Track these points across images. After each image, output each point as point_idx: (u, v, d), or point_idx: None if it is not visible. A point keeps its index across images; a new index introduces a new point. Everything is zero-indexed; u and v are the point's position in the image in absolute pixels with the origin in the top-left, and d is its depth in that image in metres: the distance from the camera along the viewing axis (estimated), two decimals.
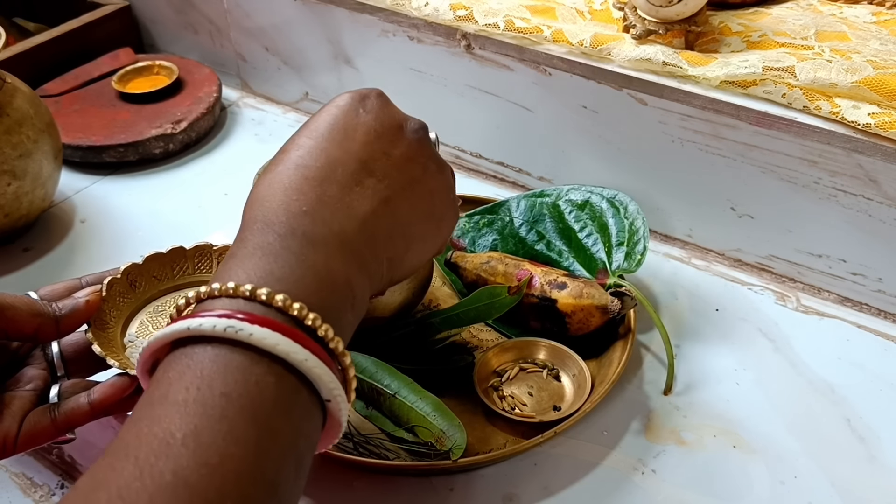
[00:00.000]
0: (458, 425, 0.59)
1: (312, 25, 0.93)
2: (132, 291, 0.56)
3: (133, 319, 0.55)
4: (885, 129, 0.64)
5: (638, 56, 0.73)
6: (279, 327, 0.36)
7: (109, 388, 0.51)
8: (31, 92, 0.81)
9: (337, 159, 0.45)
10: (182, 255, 0.58)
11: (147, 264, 0.57)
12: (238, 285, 0.38)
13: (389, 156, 0.46)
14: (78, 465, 0.77)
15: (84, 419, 0.51)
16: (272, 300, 0.37)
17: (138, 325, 0.55)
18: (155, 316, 0.56)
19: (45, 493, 0.64)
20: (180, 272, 0.58)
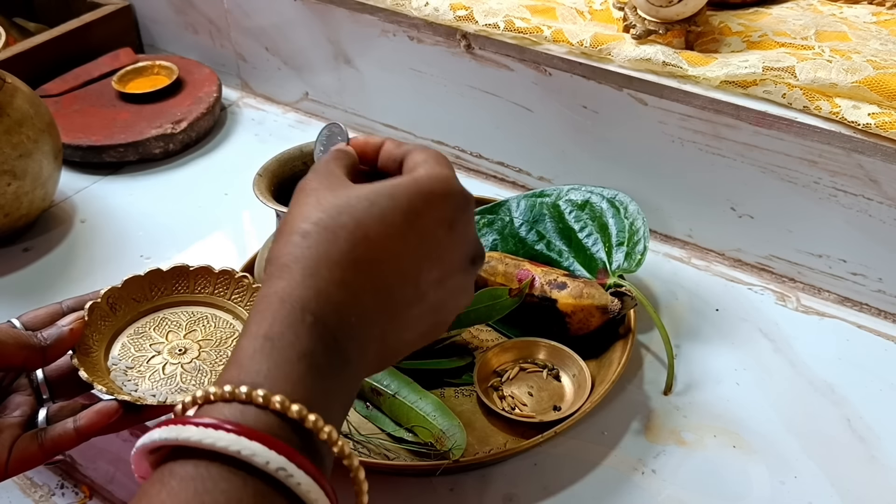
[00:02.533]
0: (458, 425, 0.59)
1: (312, 25, 0.93)
2: (113, 315, 0.57)
3: (115, 342, 0.56)
4: (885, 129, 0.64)
5: (638, 56, 0.73)
6: (317, 476, 0.35)
7: (95, 416, 0.51)
8: (31, 92, 0.81)
9: (400, 270, 0.41)
10: (160, 276, 0.59)
11: (126, 287, 0.58)
12: (287, 403, 0.35)
13: (443, 284, 0.43)
14: (78, 465, 0.77)
15: (70, 444, 0.51)
16: (319, 431, 0.36)
17: (120, 348, 0.56)
18: (136, 338, 0.57)
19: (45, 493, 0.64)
20: (158, 293, 0.59)
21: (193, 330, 0.57)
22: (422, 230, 0.42)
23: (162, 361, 0.55)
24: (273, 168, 0.65)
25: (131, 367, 0.54)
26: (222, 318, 0.59)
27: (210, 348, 0.56)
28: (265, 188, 0.63)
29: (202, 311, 0.59)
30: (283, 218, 0.43)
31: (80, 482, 0.77)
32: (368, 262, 0.40)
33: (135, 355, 0.55)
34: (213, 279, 0.60)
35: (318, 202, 0.42)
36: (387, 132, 0.96)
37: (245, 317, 0.59)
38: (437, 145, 0.92)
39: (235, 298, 0.60)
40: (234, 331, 0.58)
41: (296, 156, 0.67)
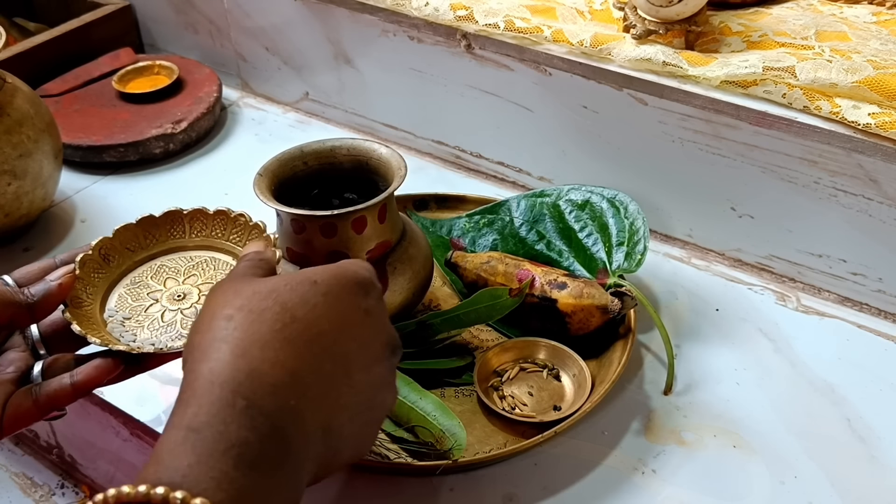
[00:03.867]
0: (459, 425, 0.59)
1: (312, 25, 0.93)
2: (106, 266, 0.55)
3: (111, 294, 0.55)
4: (886, 129, 0.64)
5: (638, 56, 0.73)
6: None
7: (93, 371, 0.49)
8: (32, 92, 0.81)
9: (329, 352, 0.40)
10: (153, 223, 0.58)
11: (118, 237, 0.56)
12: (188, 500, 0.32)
13: (370, 372, 0.42)
14: (78, 464, 0.77)
15: (67, 400, 0.49)
16: None
17: (117, 299, 0.54)
18: (133, 288, 0.55)
19: (45, 493, 0.64)
20: (153, 241, 0.57)
21: (192, 275, 0.56)
22: (342, 312, 0.41)
23: (161, 309, 0.53)
24: (273, 168, 0.65)
25: (128, 318, 0.53)
26: (222, 260, 0.57)
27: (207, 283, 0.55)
28: (266, 188, 0.63)
29: (200, 254, 0.57)
30: (197, 314, 0.42)
31: (80, 482, 0.77)
32: (300, 342, 0.38)
33: (132, 305, 0.54)
34: (209, 221, 0.58)
35: (237, 291, 0.41)
36: (387, 132, 0.96)
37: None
38: (438, 145, 0.92)
39: (234, 238, 0.58)
40: None
41: (296, 156, 0.67)
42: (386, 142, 0.94)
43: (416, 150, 0.94)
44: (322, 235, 0.61)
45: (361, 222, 0.62)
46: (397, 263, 0.64)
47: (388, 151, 0.66)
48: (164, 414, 0.66)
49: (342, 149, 0.68)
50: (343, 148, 0.68)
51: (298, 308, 0.39)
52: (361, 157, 0.67)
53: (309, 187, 0.67)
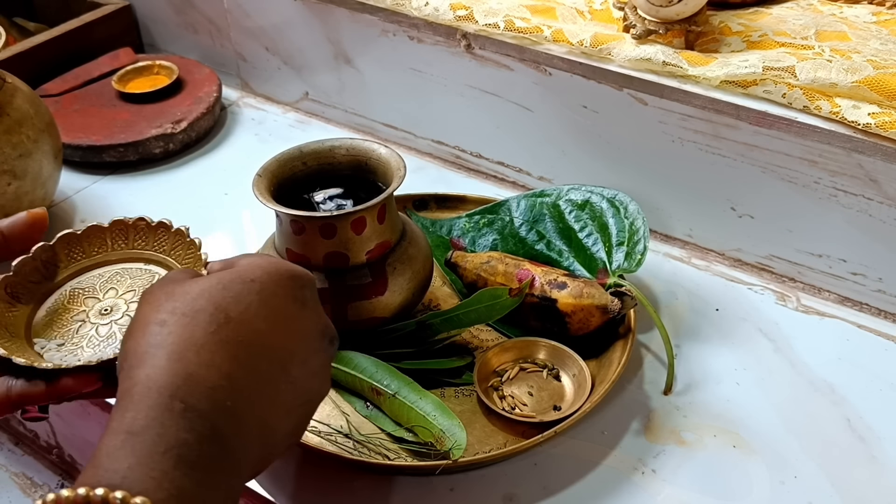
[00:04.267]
0: (459, 425, 0.59)
1: (312, 25, 0.93)
2: (16, 304, 0.52)
3: (31, 328, 0.52)
4: (886, 128, 0.64)
5: (638, 56, 0.73)
6: None
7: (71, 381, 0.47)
8: (31, 92, 0.81)
9: (266, 350, 0.40)
10: (48, 251, 0.54)
11: (18, 273, 0.53)
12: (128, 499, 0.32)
13: (307, 364, 0.42)
14: (78, 464, 0.77)
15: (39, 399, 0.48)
16: None
17: (42, 332, 0.51)
18: (53, 317, 0.52)
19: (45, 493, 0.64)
20: (54, 269, 0.54)
21: (110, 289, 0.53)
22: (277, 308, 0.41)
23: (92, 326, 0.51)
24: (273, 168, 0.65)
25: (62, 344, 0.50)
26: (135, 268, 0.54)
27: (137, 299, 0.52)
28: (265, 188, 0.63)
29: (109, 268, 0.54)
30: (131, 320, 0.40)
31: None
32: (235, 342, 0.38)
33: (61, 332, 0.51)
34: (106, 235, 0.55)
35: (169, 294, 0.40)
36: (387, 132, 0.96)
37: (163, 260, 0.55)
38: (437, 145, 0.92)
39: (138, 244, 0.55)
40: (154, 275, 0.54)
41: (295, 156, 0.67)
42: (386, 142, 0.94)
43: (415, 150, 0.94)
44: (321, 236, 0.61)
45: (361, 223, 0.62)
46: (397, 263, 0.64)
47: (388, 151, 0.66)
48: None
49: (341, 149, 0.68)
50: (342, 148, 0.68)
51: (232, 307, 0.39)
52: (361, 158, 0.67)
53: (308, 188, 0.67)
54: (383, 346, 0.65)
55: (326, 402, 0.64)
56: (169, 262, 0.55)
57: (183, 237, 0.55)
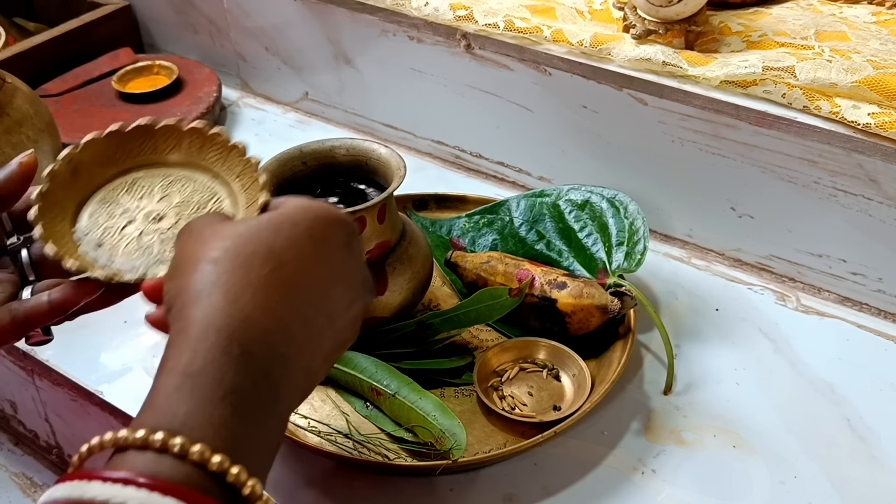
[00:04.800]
0: (459, 425, 0.59)
1: (312, 25, 0.93)
2: (75, 181, 0.50)
3: (82, 213, 0.50)
4: (885, 128, 0.64)
5: (638, 56, 0.73)
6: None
7: (71, 290, 0.47)
8: (31, 92, 0.81)
9: (315, 296, 0.39)
10: (122, 137, 0.52)
11: (87, 150, 0.51)
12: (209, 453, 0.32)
13: (348, 312, 0.41)
14: None
15: (44, 319, 0.48)
16: (242, 485, 0.32)
17: (88, 218, 0.50)
18: (105, 206, 0.50)
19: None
20: (124, 155, 0.52)
21: (168, 194, 0.50)
22: (328, 254, 0.40)
23: (136, 230, 0.49)
24: (273, 168, 0.65)
25: (102, 242, 0.49)
26: (199, 180, 0.51)
27: (190, 213, 0.49)
28: None
29: (177, 172, 0.52)
30: (175, 256, 0.40)
31: None
32: (289, 286, 0.38)
33: (105, 224, 0.49)
34: (183, 138, 0.52)
35: (215, 233, 0.39)
36: (387, 132, 0.96)
37: (227, 179, 0.51)
38: (437, 145, 0.92)
39: (211, 157, 0.52)
40: (214, 193, 0.51)
41: (295, 156, 0.67)
42: (386, 142, 0.94)
43: (415, 149, 0.94)
44: None
45: (361, 223, 0.62)
46: (397, 263, 0.64)
47: (388, 151, 0.66)
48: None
49: (341, 149, 0.68)
50: (342, 148, 0.68)
51: (286, 251, 0.38)
52: (361, 157, 0.67)
53: (308, 187, 0.67)
54: (383, 346, 0.65)
55: (326, 402, 0.65)
56: (234, 186, 0.51)
57: (252, 168, 0.50)
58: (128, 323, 0.72)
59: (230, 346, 0.34)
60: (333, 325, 0.40)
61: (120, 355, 0.71)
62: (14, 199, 0.50)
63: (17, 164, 0.49)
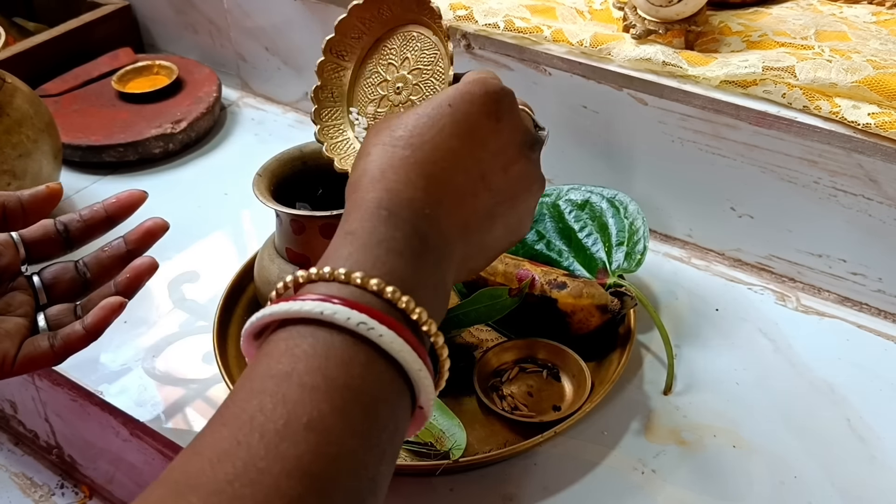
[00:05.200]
0: (459, 425, 0.59)
1: (312, 25, 0.93)
2: (342, 62, 0.54)
3: (353, 92, 0.55)
4: (885, 128, 0.64)
5: (638, 56, 0.73)
6: (400, 330, 0.37)
7: (101, 311, 0.53)
8: (31, 92, 0.81)
9: (461, 164, 0.45)
10: (362, 8, 0.54)
11: (340, 30, 0.55)
12: (367, 278, 0.38)
13: (507, 172, 0.47)
14: (78, 464, 0.77)
15: (81, 344, 0.53)
16: (397, 301, 0.38)
17: (356, 102, 0.54)
18: (365, 81, 0.54)
19: (45, 493, 0.64)
20: (370, 24, 0.55)
21: (404, 59, 0.54)
22: (471, 127, 0.45)
23: (388, 103, 0.53)
24: (273, 168, 0.65)
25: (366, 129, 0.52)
26: (424, 37, 0.53)
27: (419, 81, 0.53)
28: (265, 188, 0.63)
29: (409, 30, 0.54)
30: (365, 137, 0.47)
31: (80, 482, 0.77)
32: (428, 162, 0.44)
33: (371, 101, 0.54)
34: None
35: (378, 128, 0.46)
36: None
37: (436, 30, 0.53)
38: None
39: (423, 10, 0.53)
40: (436, 51, 0.53)
41: (296, 156, 0.67)
42: None
43: None
44: (322, 236, 0.61)
45: None
46: None
47: None
48: (163, 414, 0.66)
49: None
50: None
51: (426, 132, 0.44)
52: None
53: (309, 187, 0.67)
54: None
55: None
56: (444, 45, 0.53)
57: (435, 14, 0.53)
58: (128, 323, 0.72)
59: (378, 211, 0.41)
60: (489, 184, 0.46)
61: (120, 355, 0.71)
62: (33, 220, 0.55)
63: (45, 187, 0.55)
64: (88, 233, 0.57)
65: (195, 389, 0.68)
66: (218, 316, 0.68)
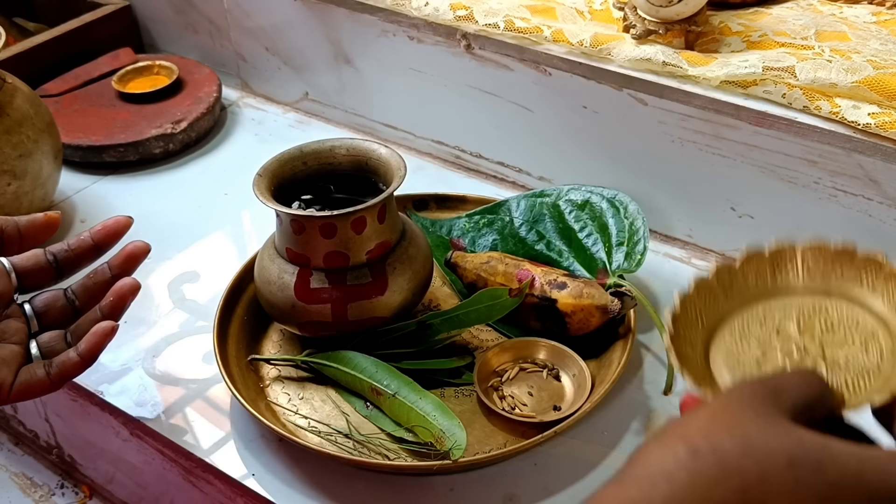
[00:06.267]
0: (459, 425, 0.59)
1: (312, 25, 0.93)
2: (722, 298, 0.46)
3: (716, 338, 0.45)
4: (885, 129, 0.64)
5: (638, 56, 0.73)
6: None
7: (93, 337, 0.53)
8: (31, 92, 0.81)
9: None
10: (789, 256, 0.46)
11: (744, 267, 0.47)
12: None
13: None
14: (78, 464, 0.77)
15: (77, 371, 0.53)
16: None
17: (724, 353, 0.44)
18: (738, 340, 0.45)
19: (45, 493, 0.64)
20: (783, 278, 0.46)
21: (808, 326, 0.44)
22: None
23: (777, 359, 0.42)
24: (273, 168, 0.65)
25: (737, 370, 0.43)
26: (847, 312, 0.43)
27: (837, 340, 0.42)
28: (265, 188, 0.63)
29: (815, 302, 0.45)
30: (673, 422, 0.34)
31: (80, 482, 0.77)
32: None
33: (739, 361, 0.43)
34: (819, 261, 0.45)
35: (733, 421, 0.32)
36: (387, 132, 0.96)
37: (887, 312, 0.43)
38: (437, 145, 0.92)
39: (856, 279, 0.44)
40: (870, 330, 0.42)
41: (296, 156, 0.67)
42: (386, 142, 0.94)
43: (415, 150, 0.94)
44: (322, 236, 0.61)
45: (361, 223, 0.62)
46: (397, 263, 0.64)
47: (388, 151, 0.66)
48: (163, 414, 0.66)
49: (342, 149, 0.68)
50: (342, 148, 0.68)
51: (775, 497, 0.30)
52: (361, 158, 0.67)
53: (308, 187, 0.67)
54: (383, 346, 0.65)
55: (326, 402, 0.65)
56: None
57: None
58: (128, 323, 0.72)
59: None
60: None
61: (120, 355, 0.71)
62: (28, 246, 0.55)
63: (43, 216, 0.55)
64: (77, 261, 0.57)
65: (195, 389, 0.68)
66: (218, 316, 0.68)
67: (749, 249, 0.47)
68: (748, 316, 0.46)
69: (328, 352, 0.65)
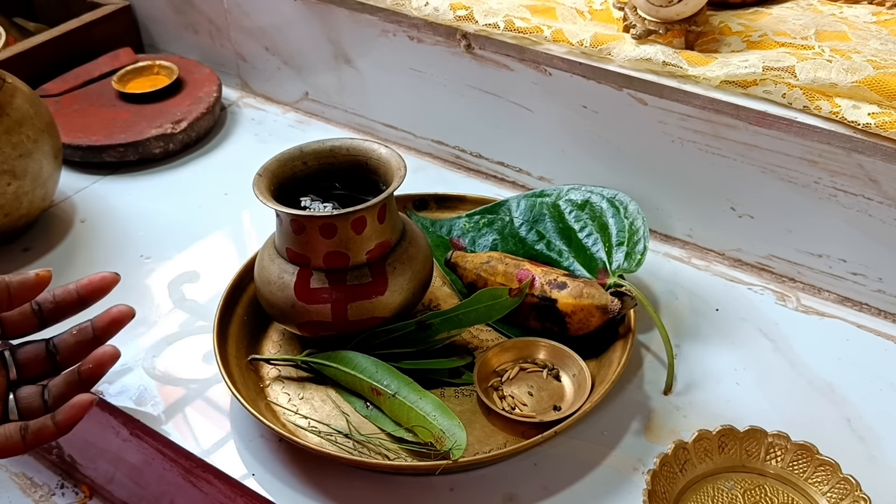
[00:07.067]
0: (459, 425, 0.59)
1: (312, 25, 0.93)
2: (679, 475, 0.57)
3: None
4: (885, 128, 0.64)
5: (638, 56, 0.73)
6: None
7: (70, 410, 0.52)
8: (31, 92, 0.81)
9: None
10: (733, 436, 0.58)
11: (696, 444, 0.57)
12: None
13: None
14: (78, 464, 0.77)
15: (52, 438, 0.53)
16: None
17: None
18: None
19: (45, 493, 0.64)
20: (720, 454, 0.58)
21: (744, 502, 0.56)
22: None
23: None
24: (273, 168, 0.65)
25: None
26: (784, 496, 0.57)
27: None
28: (265, 188, 0.63)
29: (764, 482, 0.58)
30: None
31: (80, 482, 0.77)
32: None
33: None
34: (788, 451, 0.58)
35: None
36: (387, 132, 0.96)
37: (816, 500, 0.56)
38: (437, 145, 0.92)
39: (807, 476, 0.57)
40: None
41: (296, 156, 0.67)
42: (386, 142, 0.94)
43: (415, 149, 0.94)
44: (322, 236, 0.61)
45: (361, 222, 0.62)
46: (397, 263, 0.64)
47: (388, 151, 0.66)
48: (163, 414, 0.66)
49: (341, 149, 0.68)
50: (342, 148, 0.68)
51: None
52: (361, 158, 0.67)
53: (308, 187, 0.67)
54: (383, 346, 0.65)
55: (326, 402, 0.65)
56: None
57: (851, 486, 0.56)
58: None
59: None
60: None
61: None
62: (17, 305, 0.54)
63: (33, 275, 0.53)
64: (61, 313, 0.57)
65: (195, 389, 0.68)
66: (218, 316, 0.68)
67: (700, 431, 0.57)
68: (713, 482, 0.58)
69: (328, 352, 0.65)
